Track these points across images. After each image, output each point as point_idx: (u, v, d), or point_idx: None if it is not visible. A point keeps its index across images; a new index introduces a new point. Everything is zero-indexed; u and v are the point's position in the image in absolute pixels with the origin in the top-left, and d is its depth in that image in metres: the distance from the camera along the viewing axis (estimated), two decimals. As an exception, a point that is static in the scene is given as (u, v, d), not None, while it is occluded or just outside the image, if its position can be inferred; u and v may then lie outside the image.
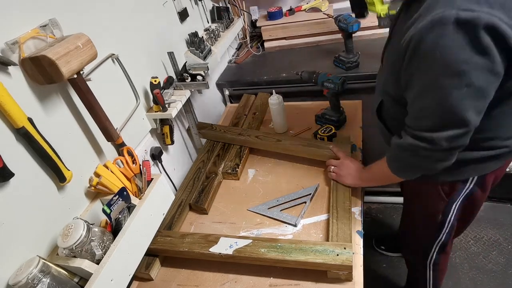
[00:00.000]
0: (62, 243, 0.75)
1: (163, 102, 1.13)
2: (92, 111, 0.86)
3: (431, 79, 0.71)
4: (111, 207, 0.84)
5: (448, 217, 1.04)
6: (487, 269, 1.60)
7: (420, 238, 1.20)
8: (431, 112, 0.75)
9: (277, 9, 1.97)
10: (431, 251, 1.17)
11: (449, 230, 1.07)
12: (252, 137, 1.36)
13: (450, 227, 1.06)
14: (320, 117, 1.42)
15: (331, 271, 0.88)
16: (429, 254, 1.19)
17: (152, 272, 1.01)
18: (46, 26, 0.76)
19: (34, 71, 0.72)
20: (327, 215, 1.07)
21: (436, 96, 0.72)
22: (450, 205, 1.01)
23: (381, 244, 1.76)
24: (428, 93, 0.73)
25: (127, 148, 0.99)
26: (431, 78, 0.71)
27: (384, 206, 1.98)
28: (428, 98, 0.74)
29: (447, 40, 0.64)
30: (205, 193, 1.20)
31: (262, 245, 0.94)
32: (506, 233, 1.72)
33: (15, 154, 0.71)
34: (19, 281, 0.68)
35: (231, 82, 1.81)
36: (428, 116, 0.76)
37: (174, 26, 1.38)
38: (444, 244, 1.12)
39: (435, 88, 0.71)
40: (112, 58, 1.00)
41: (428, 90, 0.73)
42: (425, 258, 1.21)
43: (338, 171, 1.12)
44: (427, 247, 1.18)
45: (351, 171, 1.09)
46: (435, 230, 1.09)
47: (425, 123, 0.78)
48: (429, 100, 0.74)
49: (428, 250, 1.18)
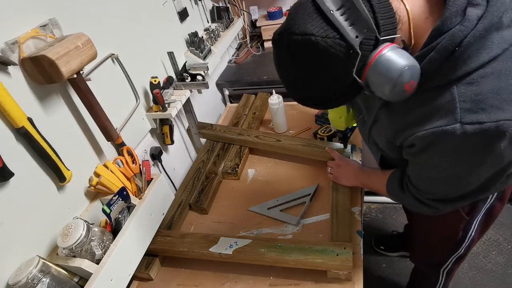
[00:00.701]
0: (62, 243, 0.75)
1: (163, 102, 1.13)
2: (92, 111, 0.86)
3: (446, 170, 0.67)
4: (111, 207, 0.84)
5: (468, 234, 0.97)
6: (486, 269, 1.60)
7: (437, 254, 1.12)
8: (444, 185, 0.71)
9: (277, 9, 1.97)
10: (448, 262, 1.11)
11: (469, 244, 1.00)
12: (252, 137, 1.36)
13: (470, 241, 0.99)
14: (320, 117, 1.42)
15: (331, 271, 0.88)
16: (444, 265, 1.13)
17: (152, 272, 1.01)
18: (46, 26, 0.76)
19: (34, 71, 0.72)
20: (327, 215, 1.07)
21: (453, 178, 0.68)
22: (471, 223, 0.94)
23: (380, 244, 1.75)
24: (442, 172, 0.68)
25: (127, 148, 0.99)
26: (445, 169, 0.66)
27: (384, 206, 1.98)
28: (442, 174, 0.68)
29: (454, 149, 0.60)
30: (205, 193, 1.20)
31: (262, 245, 0.94)
32: (506, 233, 1.72)
33: (15, 154, 0.71)
34: (19, 281, 0.68)
35: (231, 82, 1.81)
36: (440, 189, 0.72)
37: (174, 26, 1.38)
38: (462, 256, 1.06)
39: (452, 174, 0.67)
40: (112, 58, 1.00)
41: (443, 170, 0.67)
42: (440, 267, 1.15)
43: (335, 172, 1.12)
44: (444, 260, 1.11)
45: (348, 172, 1.09)
46: (454, 246, 1.03)
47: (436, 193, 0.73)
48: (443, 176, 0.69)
49: (444, 262, 1.11)
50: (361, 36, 0.53)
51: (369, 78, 0.56)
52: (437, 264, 1.15)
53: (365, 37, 0.53)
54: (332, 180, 1.13)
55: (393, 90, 0.55)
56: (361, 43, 0.53)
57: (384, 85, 0.55)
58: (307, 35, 0.53)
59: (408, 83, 0.55)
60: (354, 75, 0.56)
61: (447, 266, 1.13)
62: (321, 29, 0.53)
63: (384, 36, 0.55)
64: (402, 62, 0.53)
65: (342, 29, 0.52)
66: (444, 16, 0.54)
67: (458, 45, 0.53)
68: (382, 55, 0.54)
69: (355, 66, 0.55)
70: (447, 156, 0.63)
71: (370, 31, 0.53)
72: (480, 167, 0.63)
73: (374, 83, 0.56)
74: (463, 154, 0.61)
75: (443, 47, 0.54)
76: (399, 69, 0.53)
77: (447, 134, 0.58)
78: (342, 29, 0.52)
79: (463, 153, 0.61)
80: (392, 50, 0.54)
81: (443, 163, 0.65)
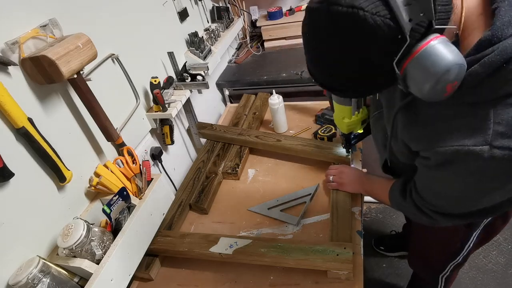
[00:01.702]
0: (62, 243, 0.75)
1: (163, 102, 1.13)
2: (92, 111, 0.86)
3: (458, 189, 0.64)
4: (111, 207, 0.84)
5: (467, 244, 0.96)
6: (487, 269, 1.60)
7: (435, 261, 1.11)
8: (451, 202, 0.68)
9: (277, 9, 1.97)
10: (446, 270, 1.10)
11: (467, 253, 1.00)
12: (252, 137, 1.36)
13: (469, 251, 0.99)
14: (320, 117, 1.42)
15: (331, 271, 0.88)
16: (442, 272, 1.12)
17: (152, 272, 1.01)
18: (46, 26, 0.76)
19: (34, 71, 0.72)
20: (327, 215, 1.07)
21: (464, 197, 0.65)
22: (470, 234, 0.93)
23: (380, 245, 1.75)
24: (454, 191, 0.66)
25: (127, 148, 0.99)
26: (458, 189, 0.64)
27: (384, 206, 1.98)
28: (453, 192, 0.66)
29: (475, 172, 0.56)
30: (205, 193, 1.20)
31: (262, 245, 0.94)
32: (506, 233, 1.72)
33: (15, 154, 0.71)
34: (19, 281, 0.68)
35: (231, 82, 1.81)
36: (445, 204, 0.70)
37: (174, 26, 1.38)
38: (460, 263, 1.06)
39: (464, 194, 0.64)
40: (112, 58, 1.00)
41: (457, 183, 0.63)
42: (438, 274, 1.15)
43: (338, 179, 1.08)
44: (442, 267, 1.10)
45: (352, 178, 1.06)
46: (452, 255, 1.02)
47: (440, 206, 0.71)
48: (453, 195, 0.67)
49: (442, 269, 1.11)
50: (416, 20, 0.46)
51: (409, 70, 0.50)
52: (435, 271, 1.14)
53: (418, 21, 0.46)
54: (334, 189, 1.09)
55: (434, 87, 0.48)
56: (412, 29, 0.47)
57: (426, 80, 0.48)
58: (355, 8, 0.46)
59: (452, 83, 0.48)
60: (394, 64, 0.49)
61: (445, 273, 1.12)
62: (371, 4, 0.46)
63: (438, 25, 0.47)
64: (452, 57, 0.46)
65: (396, 8, 0.45)
66: (495, 26, 0.48)
67: (507, 61, 0.47)
68: (431, 46, 0.47)
69: (398, 54, 0.48)
70: (465, 177, 0.59)
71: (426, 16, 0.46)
72: (496, 192, 0.59)
73: (414, 76, 0.50)
74: (484, 178, 0.57)
75: (489, 61, 0.48)
76: (447, 65, 0.46)
77: (472, 155, 0.53)
78: (396, 8, 0.45)
79: (484, 177, 0.57)
80: (442, 43, 0.47)
81: (458, 182, 0.62)
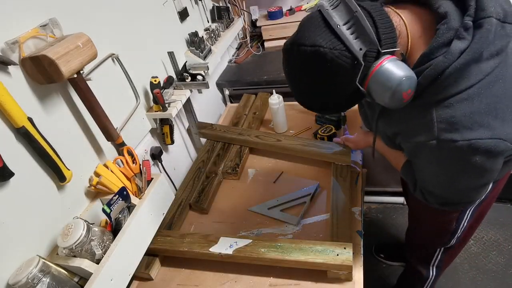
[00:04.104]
0: (62, 242, 0.75)
1: (163, 102, 1.13)
2: (92, 111, 0.86)
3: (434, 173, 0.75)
4: (111, 207, 0.84)
5: (461, 224, 1.00)
6: (487, 269, 1.60)
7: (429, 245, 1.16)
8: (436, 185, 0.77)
9: (277, 8, 1.97)
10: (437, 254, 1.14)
11: (460, 235, 1.04)
12: (252, 137, 1.36)
13: (462, 232, 1.03)
14: (320, 117, 1.42)
15: (331, 271, 0.88)
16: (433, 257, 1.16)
17: (152, 272, 1.01)
18: (46, 25, 0.76)
19: (34, 70, 0.72)
20: (327, 215, 1.07)
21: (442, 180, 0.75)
22: (464, 212, 0.97)
23: (380, 252, 1.75)
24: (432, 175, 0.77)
25: (127, 148, 0.99)
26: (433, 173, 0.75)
27: (384, 206, 1.98)
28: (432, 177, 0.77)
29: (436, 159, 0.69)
30: (205, 193, 1.20)
31: (262, 245, 0.94)
32: (506, 233, 1.72)
33: (15, 154, 0.71)
34: (19, 281, 0.68)
35: (231, 82, 1.81)
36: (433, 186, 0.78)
37: (174, 26, 1.38)
38: (451, 247, 1.10)
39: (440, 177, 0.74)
40: (112, 58, 1.00)
41: None
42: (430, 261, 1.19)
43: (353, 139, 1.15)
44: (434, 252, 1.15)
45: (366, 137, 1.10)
46: (447, 237, 1.06)
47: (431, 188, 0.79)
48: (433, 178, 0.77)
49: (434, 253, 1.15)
50: (365, 49, 0.58)
51: (370, 86, 0.62)
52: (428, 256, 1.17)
53: (368, 49, 0.58)
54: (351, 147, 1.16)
55: (392, 97, 0.60)
56: (364, 55, 0.59)
57: (384, 93, 0.60)
58: (316, 46, 0.59)
59: (406, 92, 0.60)
60: (357, 83, 0.61)
61: (436, 258, 1.16)
62: (329, 42, 0.58)
63: (385, 49, 0.60)
64: (401, 72, 0.58)
65: (348, 42, 0.58)
66: (432, 46, 0.60)
67: (440, 74, 0.59)
68: (383, 66, 0.59)
69: (358, 75, 0.60)
70: (432, 164, 0.72)
71: (372, 44, 0.59)
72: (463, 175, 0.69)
73: (375, 91, 0.62)
74: (444, 163, 0.69)
75: (427, 74, 0.60)
76: (398, 78, 0.58)
77: (427, 147, 0.67)
78: (348, 42, 0.58)
79: (443, 163, 0.69)
80: (391, 62, 0.59)
81: (430, 169, 0.74)
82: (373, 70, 0.60)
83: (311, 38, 0.59)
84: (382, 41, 0.60)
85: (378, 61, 0.60)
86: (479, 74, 0.60)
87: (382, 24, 0.60)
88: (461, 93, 0.60)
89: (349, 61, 0.59)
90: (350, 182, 1.12)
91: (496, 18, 0.57)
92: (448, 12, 0.59)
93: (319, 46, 0.58)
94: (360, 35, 0.58)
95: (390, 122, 0.78)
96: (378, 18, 0.60)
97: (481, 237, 1.72)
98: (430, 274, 1.25)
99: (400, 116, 0.72)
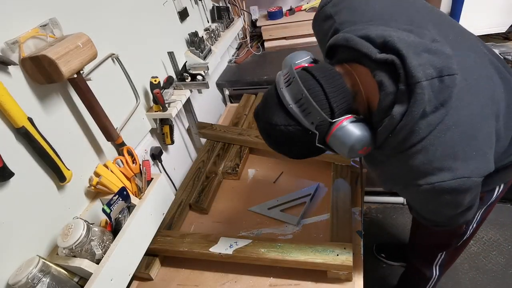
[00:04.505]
0: (62, 242, 0.75)
1: (163, 102, 1.13)
2: (92, 111, 0.86)
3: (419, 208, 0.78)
4: (111, 207, 0.84)
5: (470, 226, 1.00)
6: (487, 269, 1.60)
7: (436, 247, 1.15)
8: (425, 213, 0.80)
9: (277, 8, 1.97)
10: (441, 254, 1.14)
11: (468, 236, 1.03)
12: (252, 137, 1.36)
13: (470, 233, 1.02)
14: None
15: (331, 271, 0.88)
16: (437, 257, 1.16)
17: (152, 272, 1.01)
18: (46, 25, 0.76)
19: (34, 70, 0.72)
20: (327, 215, 1.07)
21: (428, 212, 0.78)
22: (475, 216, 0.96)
23: (381, 252, 1.75)
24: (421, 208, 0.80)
25: (127, 148, 0.99)
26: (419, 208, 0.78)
27: (384, 206, 1.98)
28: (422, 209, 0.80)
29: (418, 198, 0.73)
30: (205, 193, 1.20)
31: (262, 245, 0.94)
32: (506, 233, 1.72)
33: (15, 154, 0.71)
34: (19, 281, 0.68)
35: (231, 82, 1.81)
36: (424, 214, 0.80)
37: (174, 26, 1.38)
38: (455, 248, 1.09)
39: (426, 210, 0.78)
40: (112, 58, 1.00)
41: None
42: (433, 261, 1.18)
43: None
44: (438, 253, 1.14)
45: None
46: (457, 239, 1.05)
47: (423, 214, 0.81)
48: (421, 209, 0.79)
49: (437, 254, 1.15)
50: (316, 122, 0.64)
51: (331, 144, 0.68)
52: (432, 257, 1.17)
53: (318, 122, 0.64)
54: None
55: (350, 153, 0.66)
56: (317, 126, 0.65)
57: (342, 150, 0.66)
58: (273, 124, 0.67)
59: (361, 149, 0.66)
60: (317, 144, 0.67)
61: (439, 258, 1.15)
62: (283, 119, 0.66)
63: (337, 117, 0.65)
64: (350, 139, 0.64)
65: (299, 119, 0.64)
66: (378, 109, 0.64)
67: (391, 132, 0.63)
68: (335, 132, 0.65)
69: (316, 140, 0.66)
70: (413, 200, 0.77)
71: (321, 117, 0.64)
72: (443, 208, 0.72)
73: (335, 147, 0.68)
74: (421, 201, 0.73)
75: (381, 132, 0.64)
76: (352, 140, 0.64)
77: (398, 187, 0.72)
78: (299, 119, 0.64)
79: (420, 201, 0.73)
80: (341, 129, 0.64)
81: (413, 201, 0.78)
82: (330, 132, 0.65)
83: (268, 116, 0.68)
84: (334, 108, 0.64)
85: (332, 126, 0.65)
86: (428, 127, 0.61)
87: (334, 92, 0.64)
88: (415, 146, 0.63)
89: (304, 133, 0.66)
90: (350, 182, 1.12)
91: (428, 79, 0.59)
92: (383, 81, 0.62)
93: (275, 124, 0.66)
94: (310, 111, 0.63)
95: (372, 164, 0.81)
96: (329, 89, 0.64)
97: (481, 237, 1.72)
98: (434, 274, 1.24)
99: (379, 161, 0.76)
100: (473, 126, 0.64)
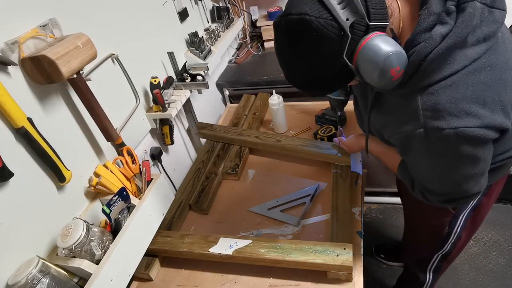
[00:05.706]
0: (62, 243, 0.75)
1: (163, 102, 1.13)
2: (92, 111, 0.86)
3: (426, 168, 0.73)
4: (110, 207, 0.84)
5: (454, 229, 0.99)
6: (487, 269, 1.60)
7: (424, 249, 1.16)
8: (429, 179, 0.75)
9: (277, 9, 1.97)
10: (433, 259, 1.14)
11: (454, 241, 1.03)
12: (252, 137, 1.36)
13: (456, 238, 1.02)
14: (320, 117, 1.42)
15: (331, 272, 0.88)
16: (430, 262, 1.16)
17: (152, 272, 1.01)
18: (46, 26, 0.76)
19: (34, 71, 0.71)
20: (327, 215, 1.07)
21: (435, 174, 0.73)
22: (457, 218, 0.96)
23: (380, 253, 1.75)
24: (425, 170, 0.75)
25: (126, 148, 0.99)
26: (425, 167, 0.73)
27: (384, 207, 1.98)
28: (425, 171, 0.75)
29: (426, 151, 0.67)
30: (205, 193, 1.20)
31: (262, 246, 0.94)
32: (506, 233, 1.72)
33: (15, 154, 0.71)
34: (19, 281, 0.68)
35: (231, 82, 1.81)
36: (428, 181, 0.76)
37: (174, 26, 1.38)
38: (447, 253, 1.09)
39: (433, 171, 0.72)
40: (112, 58, 1.00)
41: None
42: (427, 266, 1.18)
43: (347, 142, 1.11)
44: (430, 257, 1.14)
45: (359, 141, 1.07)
46: (440, 241, 1.05)
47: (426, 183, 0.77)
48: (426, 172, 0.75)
49: (430, 259, 1.15)
50: (352, 19, 0.57)
51: (359, 63, 0.60)
52: (424, 260, 1.17)
53: (355, 20, 0.57)
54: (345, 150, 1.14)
55: (381, 74, 0.58)
56: (351, 27, 0.57)
57: (373, 69, 0.58)
58: (302, 14, 0.57)
59: (395, 68, 0.58)
60: (344, 57, 0.59)
61: (433, 264, 1.15)
62: (315, 10, 0.57)
63: (373, 23, 0.58)
64: (388, 48, 0.57)
65: (334, 11, 0.56)
66: (415, 31, 0.59)
67: (423, 60, 0.58)
68: (370, 41, 0.57)
69: (345, 48, 0.58)
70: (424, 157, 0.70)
71: (359, 16, 0.57)
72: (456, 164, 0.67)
73: (364, 68, 0.60)
74: (435, 154, 0.67)
75: (411, 61, 0.59)
76: (385, 53, 0.56)
77: (416, 137, 0.64)
78: (334, 11, 0.56)
79: (434, 154, 0.67)
80: (379, 37, 0.57)
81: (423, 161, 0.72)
82: (360, 45, 0.58)
83: (298, 7, 0.59)
84: (371, 14, 0.58)
85: (366, 36, 0.58)
86: (464, 60, 0.58)
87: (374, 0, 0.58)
88: (446, 79, 0.59)
89: (335, 31, 0.57)
90: (350, 183, 1.12)
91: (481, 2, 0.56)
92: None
93: (305, 14, 0.57)
94: (347, 5, 0.57)
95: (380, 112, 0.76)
96: None
97: (481, 238, 1.72)
98: (427, 279, 1.24)
99: (389, 106, 0.71)
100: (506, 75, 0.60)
